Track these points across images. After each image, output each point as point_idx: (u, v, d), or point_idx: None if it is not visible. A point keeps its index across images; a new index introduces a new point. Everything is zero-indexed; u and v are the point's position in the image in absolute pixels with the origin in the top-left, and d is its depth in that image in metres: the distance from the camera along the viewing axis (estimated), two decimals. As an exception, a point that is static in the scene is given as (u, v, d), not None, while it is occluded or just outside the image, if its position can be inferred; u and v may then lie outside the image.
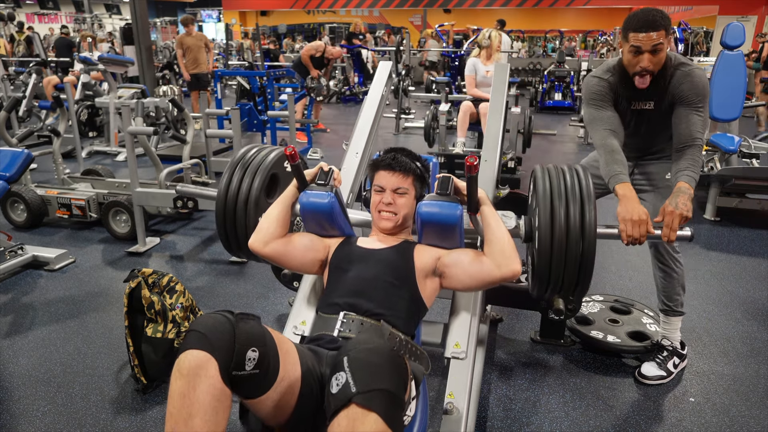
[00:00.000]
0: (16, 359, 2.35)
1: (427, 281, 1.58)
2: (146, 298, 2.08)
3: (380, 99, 2.31)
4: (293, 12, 23.21)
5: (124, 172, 5.20)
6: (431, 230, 1.59)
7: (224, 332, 1.11)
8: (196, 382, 1.07)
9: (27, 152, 3.12)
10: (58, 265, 3.26)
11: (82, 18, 16.17)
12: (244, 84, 7.35)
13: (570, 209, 1.51)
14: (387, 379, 1.04)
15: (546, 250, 1.52)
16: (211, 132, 4.85)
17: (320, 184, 1.64)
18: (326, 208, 1.62)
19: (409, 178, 1.65)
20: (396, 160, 1.63)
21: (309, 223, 1.70)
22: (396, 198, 1.63)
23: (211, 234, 3.86)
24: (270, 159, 1.86)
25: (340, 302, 1.50)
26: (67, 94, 5.23)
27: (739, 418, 2.01)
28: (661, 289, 2.22)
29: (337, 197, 1.65)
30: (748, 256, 3.49)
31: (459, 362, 1.58)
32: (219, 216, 1.82)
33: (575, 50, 14.68)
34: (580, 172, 1.61)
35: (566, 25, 18.33)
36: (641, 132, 2.15)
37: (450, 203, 1.54)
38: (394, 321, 1.46)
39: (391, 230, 1.66)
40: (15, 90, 7.48)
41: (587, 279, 1.54)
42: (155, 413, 2.01)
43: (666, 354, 2.23)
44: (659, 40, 1.86)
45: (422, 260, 1.58)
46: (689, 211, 1.74)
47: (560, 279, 1.55)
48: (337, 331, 1.44)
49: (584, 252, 1.50)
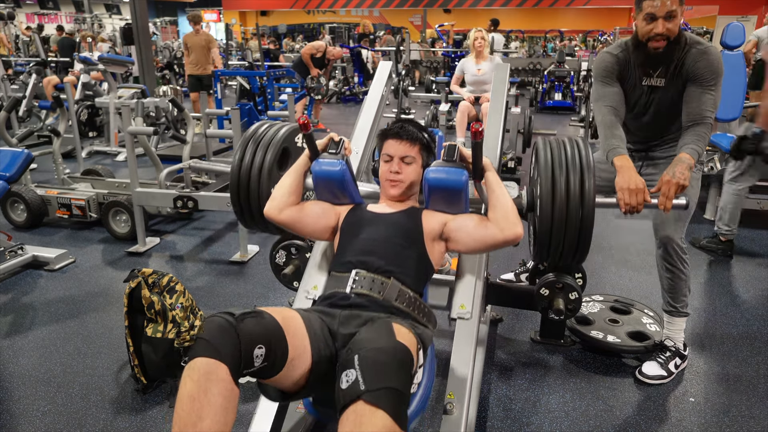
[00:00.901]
0: (16, 359, 2.35)
1: (434, 244, 1.64)
2: (146, 298, 2.08)
3: (380, 99, 2.30)
4: (293, 12, 23.21)
5: (124, 172, 5.20)
6: (438, 196, 1.64)
7: (229, 337, 1.14)
8: (207, 385, 1.10)
9: (27, 152, 3.12)
10: (58, 265, 3.27)
11: (82, 18, 16.17)
12: (244, 84, 7.34)
13: (570, 178, 1.59)
14: (395, 378, 1.10)
15: (547, 218, 1.60)
16: (211, 132, 4.85)
17: (332, 153, 1.72)
18: (338, 176, 1.69)
19: (416, 146, 1.71)
20: (404, 129, 1.70)
21: (321, 191, 1.76)
22: (404, 167, 1.69)
23: (211, 234, 3.86)
24: (282, 133, 1.92)
25: (352, 260, 1.55)
26: (67, 94, 5.23)
27: (739, 418, 2.01)
28: (667, 291, 2.20)
29: (347, 166, 1.71)
30: (748, 256, 3.49)
31: (464, 322, 1.65)
32: (233, 188, 1.90)
33: (575, 50, 14.68)
34: (580, 144, 1.67)
35: (566, 25, 18.33)
36: (650, 113, 2.12)
37: (456, 169, 1.60)
38: (403, 278, 1.52)
39: (399, 197, 1.72)
40: (19, 90, 7.48)
41: (586, 245, 1.62)
42: (155, 413, 2.01)
43: (669, 354, 2.22)
44: (673, 6, 1.86)
45: (429, 224, 1.64)
46: (686, 179, 1.78)
47: (561, 245, 1.62)
48: (349, 288, 1.49)
49: (583, 219, 1.57)
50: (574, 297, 2.22)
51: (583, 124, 7.10)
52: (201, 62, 7.44)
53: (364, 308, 1.45)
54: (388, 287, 1.48)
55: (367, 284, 1.48)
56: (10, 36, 14.17)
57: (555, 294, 2.25)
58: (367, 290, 1.47)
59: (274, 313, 1.28)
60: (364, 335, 1.29)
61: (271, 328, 1.24)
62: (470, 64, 5.26)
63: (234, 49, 15.19)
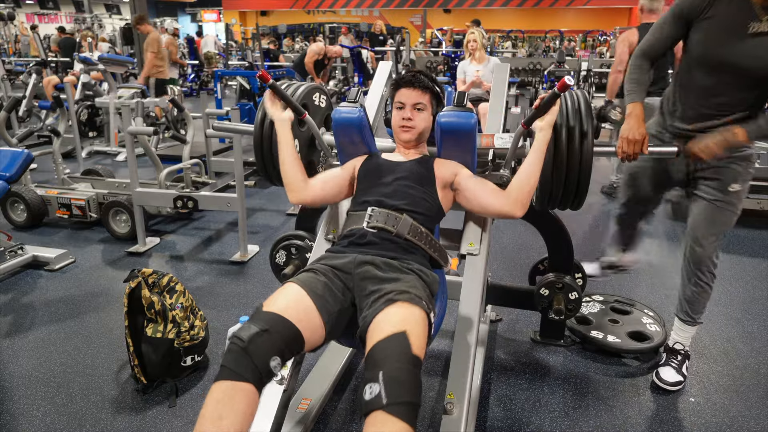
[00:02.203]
0: (16, 359, 2.35)
1: (445, 192, 1.74)
2: (146, 298, 2.08)
3: (380, 99, 2.30)
4: (293, 12, 23.22)
5: (124, 172, 5.20)
6: (449, 139, 1.72)
7: (245, 362, 1.25)
8: (233, 393, 1.22)
9: (27, 152, 3.12)
10: (58, 265, 3.27)
11: (82, 18, 16.17)
12: (244, 84, 7.33)
13: (570, 125, 1.65)
14: (413, 394, 1.21)
15: (549, 164, 1.66)
16: (211, 132, 4.85)
17: (351, 102, 1.82)
18: (357, 121, 1.78)
19: (427, 95, 1.77)
20: (416, 77, 1.77)
21: (341, 139, 1.85)
22: (415, 113, 1.76)
23: (211, 234, 3.87)
24: (300, 91, 2.00)
25: (369, 200, 1.68)
26: (67, 94, 5.23)
27: (739, 418, 2.01)
28: (689, 302, 2.11)
29: (365, 112, 1.80)
30: (748, 256, 3.49)
31: (473, 258, 1.76)
32: (257, 143, 1.98)
33: (575, 50, 14.67)
34: (580, 95, 1.71)
35: (566, 25, 18.32)
36: (746, 68, 1.77)
37: (466, 113, 1.68)
38: (415, 215, 1.63)
39: (411, 143, 1.80)
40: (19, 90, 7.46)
41: (584, 189, 1.70)
42: (155, 413, 2.01)
43: (680, 358, 2.19)
44: None
45: (441, 172, 1.73)
46: (711, 148, 1.79)
47: (561, 190, 1.71)
48: (365, 223, 1.61)
49: (582, 164, 1.64)
50: (574, 297, 2.23)
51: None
52: (156, 64, 6.87)
53: (378, 248, 1.55)
54: (401, 221, 1.59)
55: (381, 218, 1.60)
56: (10, 36, 14.17)
57: (555, 294, 2.26)
58: (382, 224, 1.59)
59: (278, 307, 1.35)
60: (386, 346, 1.28)
61: (281, 334, 1.31)
62: (469, 67, 5.25)
63: (234, 49, 15.18)
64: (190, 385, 2.17)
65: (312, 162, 2.09)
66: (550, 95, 1.55)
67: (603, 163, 6.10)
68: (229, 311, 2.74)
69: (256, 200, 4.65)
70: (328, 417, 1.99)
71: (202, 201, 3.38)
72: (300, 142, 1.99)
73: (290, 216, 4.23)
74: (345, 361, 2.23)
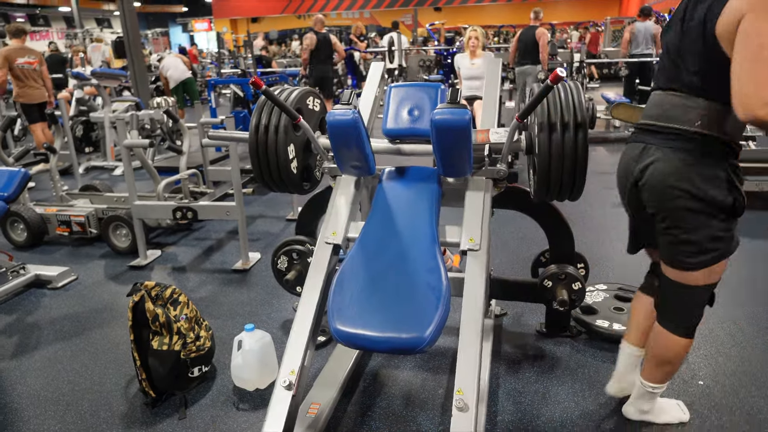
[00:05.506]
0: (24, 379, 2.35)
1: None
2: (150, 311, 2.08)
3: (373, 100, 2.30)
4: (284, 17, 23.22)
5: (122, 186, 5.19)
6: (444, 136, 1.70)
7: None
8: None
9: (24, 171, 3.12)
10: (61, 283, 3.27)
11: (73, 33, 16.19)
12: (237, 92, 7.33)
13: (564, 117, 1.64)
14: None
15: (545, 155, 1.66)
16: (207, 141, 4.84)
17: (344, 104, 1.75)
18: (352, 124, 1.72)
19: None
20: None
21: (336, 141, 1.78)
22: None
23: (211, 243, 3.86)
24: (294, 95, 1.99)
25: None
26: (61, 110, 5.24)
27: (749, 398, 2.01)
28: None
29: (359, 116, 1.74)
30: (750, 238, 3.48)
31: (475, 253, 1.73)
32: (252, 148, 1.94)
33: (567, 42, 14.66)
34: (573, 87, 1.71)
35: (557, 17, 18.32)
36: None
37: (460, 110, 1.65)
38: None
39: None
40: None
41: (582, 179, 1.69)
42: (165, 426, 2.01)
43: None
44: None
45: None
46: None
47: (559, 180, 1.70)
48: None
49: (577, 152, 1.64)
50: (578, 287, 2.23)
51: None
52: (28, 86, 5.78)
53: None
54: None
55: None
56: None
57: (558, 285, 2.26)
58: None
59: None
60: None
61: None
62: (464, 60, 5.49)
63: (226, 57, 15.19)
64: (198, 396, 2.17)
65: (308, 166, 2.09)
66: (543, 87, 1.55)
67: (600, 153, 6.10)
68: (234, 320, 2.74)
69: (255, 207, 4.65)
70: (338, 421, 1.99)
71: (202, 211, 3.38)
72: (296, 147, 1.98)
73: (290, 221, 4.23)
74: (352, 365, 2.23)
